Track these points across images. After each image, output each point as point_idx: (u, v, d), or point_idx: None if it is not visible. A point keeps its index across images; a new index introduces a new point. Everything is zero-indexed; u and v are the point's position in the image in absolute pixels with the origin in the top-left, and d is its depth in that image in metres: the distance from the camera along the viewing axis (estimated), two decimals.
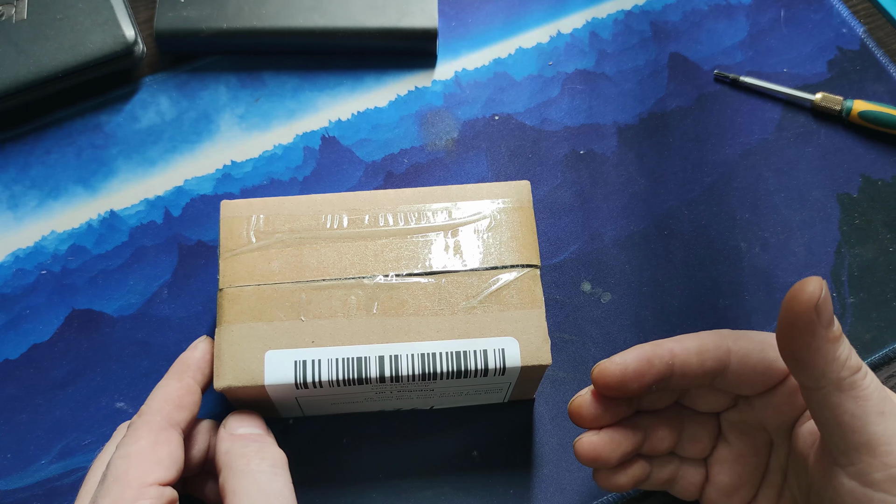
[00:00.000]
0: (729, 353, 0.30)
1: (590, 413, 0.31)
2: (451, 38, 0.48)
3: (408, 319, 0.33)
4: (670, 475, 0.33)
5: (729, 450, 0.33)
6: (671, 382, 0.31)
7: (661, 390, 0.32)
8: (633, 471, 0.32)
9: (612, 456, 0.31)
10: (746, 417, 0.32)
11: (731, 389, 0.31)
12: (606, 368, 0.30)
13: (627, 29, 0.48)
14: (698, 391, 0.32)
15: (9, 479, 0.36)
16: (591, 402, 0.31)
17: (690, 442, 0.33)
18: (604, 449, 0.31)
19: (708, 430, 0.33)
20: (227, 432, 0.32)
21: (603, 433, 0.31)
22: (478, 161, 0.44)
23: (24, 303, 0.40)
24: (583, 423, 0.32)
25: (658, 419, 0.33)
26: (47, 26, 0.43)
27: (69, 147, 0.44)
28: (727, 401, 0.32)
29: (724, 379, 0.31)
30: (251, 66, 0.46)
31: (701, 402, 0.33)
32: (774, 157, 0.44)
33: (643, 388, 0.30)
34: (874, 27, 0.48)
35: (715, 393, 0.32)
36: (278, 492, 0.29)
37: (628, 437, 0.32)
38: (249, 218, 0.35)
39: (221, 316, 0.33)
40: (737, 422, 0.32)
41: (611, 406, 0.31)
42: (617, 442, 0.31)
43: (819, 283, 0.26)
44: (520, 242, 0.35)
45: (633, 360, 0.30)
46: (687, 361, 0.30)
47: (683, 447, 0.33)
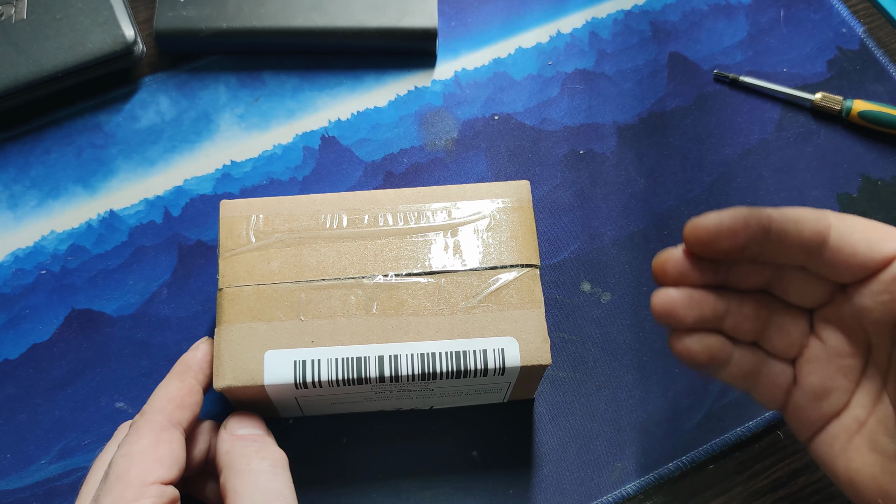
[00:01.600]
0: (829, 228, 0.28)
1: (675, 268, 0.29)
2: (451, 37, 0.48)
3: (407, 319, 0.33)
4: (753, 367, 0.30)
5: (821, 348, 0.30)
6: (765, 251, 0.28)
7: (752, 260, 0.29)
8: (710, 341, 0.30)
9: (689, 314, 0.29)
10: (843, 313, 0.29)
11: (829, 272, 0.29)
12: (700, 222, 0.29)
13: (627, 29, 0.48)
14: (792, 278, 0.30)
15: (8, 479, 0.36)
16: (677, 258, 0.29)
17: (778, 333, 0.30)
18: (681, 304, 0.29)
19: (798, 324, 0.30)
20: (227, 433, 0.32)
21: (683, 290, 0.29)
22: (477, 161, 0.44)
23: (24, 303, 0.40)
24: (665, 279, 0.30)
25: (744, 299, 0.30)
26: (47, 26, 0.43)
27: (69, 147, 0.44)
28: (822, 293, 0.30)
29: (821, 258, 0.28)
30: (251, 65, 0.46)
31: (794, 290, 0.30)
32: (774, 156, 0.44)
33: (736, 248, 0.28)
34: (874, 27, 0.48)
35: (809, 280, 0.29)
36: (278, 491, 0.29)
37: (709, 300, 0.29)
38: (249, 218, 0.35)
39: (221, 316, 0.33)
40: (832, 318, 0.30)
41: (697, 266, 0.29)
42: (696, 301, 0.29)
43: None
44: (519, 242, 0.35)
45: (729, 217, 0.28)
46: (784, 227, 0.28)
47: (770, 338, 0.30)
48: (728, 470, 0.37)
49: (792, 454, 0.37)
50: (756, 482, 0.37)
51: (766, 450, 0.37)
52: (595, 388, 0.39)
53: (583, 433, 0.38)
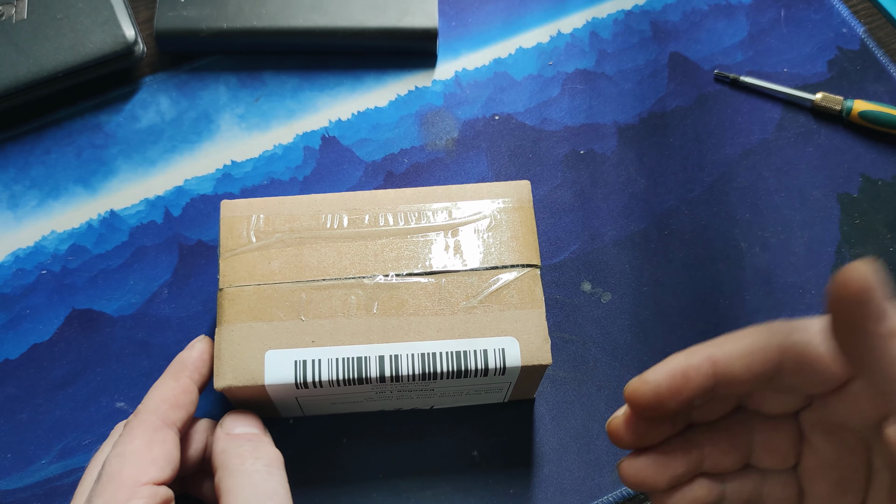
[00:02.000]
0: (781, 352, 0.25)
1: (629, 436, 0.27)
2: (451, 37, 0.48)
3: (408, 319, 0.33)
4: (752, 493, 0.28)
5: (818, 455, 0.27)
6: (717, 392, 0.26)
7: (708, 402, 0.27)
8: (692, 492, 0.27)
9: (661, 479, 0.27)
10: (826, 417, 0.26)
11: (794, 389, 0.26)
12: (637, 389, 0.26)
13: (627, 29, 0.48)
14: (760, 393, 0.27)
15: (9, 478, 0.36)
16: (628, 423, 0.27)
17: (766, 451, 0.28)
18: (649, 472, 0.27)
19: (786, 434, 0.27)
20: (223, 431, 0.32)
21: (648, 455, 0.27)
22: (478, 161, 0.44)
23: (24, 303, 0.40)
24: (623, 446, 0.27)
25: (717, 431, 0.28)
26: (47, 26, 0.43)
27: (69, 147, 0.44)
28: (798, 400, 0.27)
29: (781, 380, 0.25)
30: (251, 65, 0.46)
31: (766, 404, 0.27)
32: (774, 156, 0.44)
33: (683, 405, 0.26)
34: (874, 27, 0.48)
35: (779, 394, 0.27)
36: (273, 491, 0.29)
37: (679, 456, 0.27)
38: (249, 218, 0.35)
39: (221, 316, 0.33)
40: (818, 422, 0.27)
41: (653, 425, 0.27)
42: (664, 463, 0.27)
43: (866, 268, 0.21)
44: (520, 242, 0.35)
45: (666, 376, 0.26)
46: (730, 368, 0.25)
47: (760, 458, 0.28)
48: None
49: None
50: None
51: None
52: (595, 388, 0.39)
53: (583, 433, 0.38)
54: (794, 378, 0.25)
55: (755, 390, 0.26)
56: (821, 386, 0.25)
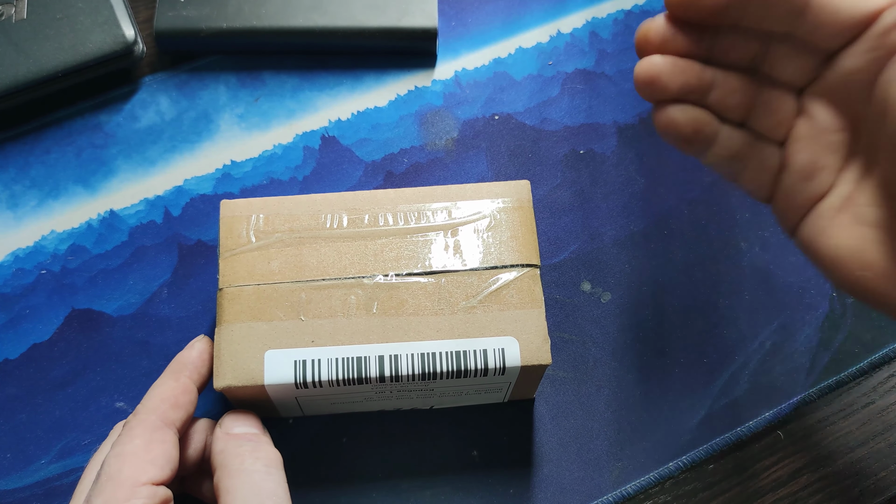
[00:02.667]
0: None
1: (657, 35, 0.28)
2: (451, 37, 0.48)
3: (407, 319, 0.33)
4: (741, 147, 0.30)
5: (810, 125, 0.29)
6: (748, 13, 0.27)
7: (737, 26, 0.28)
8: (694, 112, 0.29)
9: (673, 81, 0.28)
10: (832, 83, 0.28)
11: (814, 37, 0.28)
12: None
13: (627, 28, 0.48)
14: (778, 50, 0.29)
15: (8, 478, 0.36)
16: (660, 24, 0.28)
17: (766, 112, 0.30)
18: (664, 70, 0.28)
19: (786, 103, 0.29)
20: (222, 431, 0.32)
21: (667, 57, 0.28)
22: (478, 161, 0.44)
23: (24, 302, 0.40)
24: (648, 48, 0.29)
25: (730, 72, 0.29)
26: (47, 26, 0.43)
27: (69, 147, 0.44)
28: (809, 66, 0.29)
29: (805, 19, 0.27)
30: (251, 65, 0.46)
31: (780, 65, 0.29)
32: None
33: (721, 4, 0.27)
34: None
35: (796, 54, 0.28)
36: (271, 491, 0.29)
37: (694, 67, 0.28)
38: (249, 217, 0.35)
39: (221, 315, 0.33)
40: (821, 91, 0.29)
41: (681, 32, 0.28)
42: (681, 67, 0.28)
43: None
44: (520, 242, 0.35)
45: None
46: None
47: (758, 117, 0.30)
48: (728, 470, 0.37)
49: (792, 454, 0.37)
50: (756, 482, 0.37)
51: (766, 450, 0.37)
52: (595, 388, 0.39)
53: (583, 433, 0.38)
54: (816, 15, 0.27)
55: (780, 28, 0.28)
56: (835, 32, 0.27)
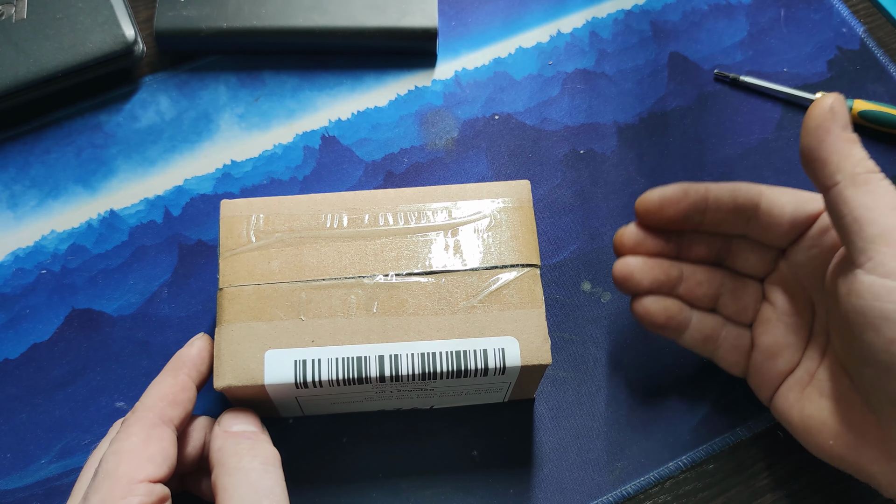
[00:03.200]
0: (760, 194, 0.32)
1: (630, 239, 0.34)
2: (451, 37, 0.48)
3: (408, 319, 0.33)
4: (712, 331, 0.34)
5: (772, 310, 0.33)
6: (707, 218, 0.33)
7: (698, 228, 0.34)
8: (666, 302, 0.34)
9: (644, 277, 0.33)
10: (786, 275, 0.33)
11: (764, 236, 0.33)
12: (646, 197, 0.33)
13: (627, 28, 0.48)
14: (738, 247, 0.34)
15: (8, 478, 0.36)
16: (633, 230, 0.34)
17: (732, 299, 0.34)
18: (637, 268, 0.33)
19: (750, 291, 0.34)
20: (220, 429, 0.32)
21: (639, 257, 0.34)
22: (478, 160, 0.44)
23: (24, 302, 0.40)
24: (623, 250, 0.34)
25: (698, 267, 0.34)
26: (47, 26, 0.43)
27: (69, 147, 0.44)
28: (766, 260, 0.34)
29: (756, 223, 0.33)
30: (251, 65, 0.46)
31: (741, 260, 0.34)
32: (774, 156, 0.44)
33: (680, 215, 0.33)
34: (874, 27, 0.48)
35: (753, 249, 0.34)
36: (269, 489, 0.29)
37: (663, 265, 0.33)
38: (249, 217, 0.35)
39: (221, 315, 0.33)
40: (778, 281, 0.34)
41: (651, 236, 0.34)
42: (651, 266, 0.33)
43: (838, 95, 0.29)
44: (520, 242, 0.35)
45: (671, 188, 0.33)
46: (720, 196, 0.33)
47: (726, 304, 0.34)
48: (728, 470, 0.37)
49: (792, 454, 0.37)
50: (756, 482, 0.37)
51: (766, 450, 0.37)
52: (595, 387, 0.39)
53: (583, 433, 0.38)
54: (766, 220, 0.32)
55: (735, 228, 0.33)
56: (785, 231, 0.32)
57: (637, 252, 0.34)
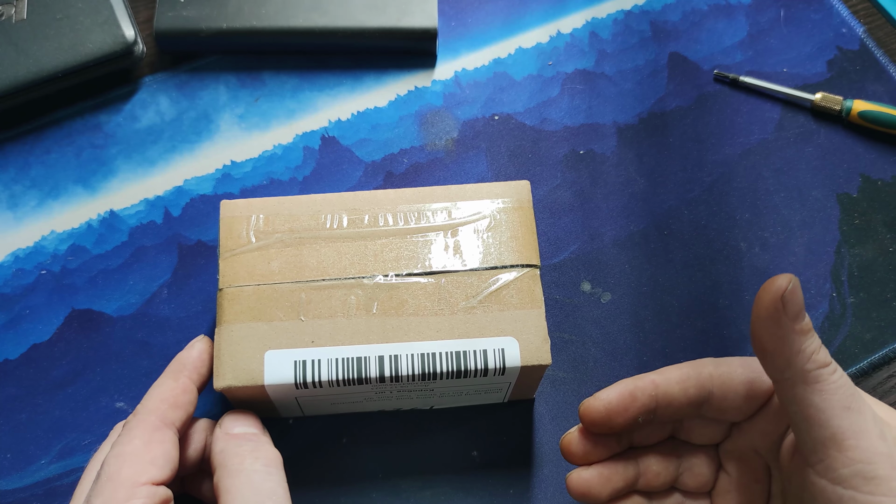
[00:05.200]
0: (711, 379, 0.31)
1: (579, 449, 0.32)
2: (451, 37, 0.48)
3: (407, 319, 0.33)
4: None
5: (729, 480, 0.32)
6: (657, 414, 0.31)
7: (648, 423, 0.32)
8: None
9: (603, 491, 0.31)
10: (741, 445, 0.32)
11: (719, 416, 0.31)
12: (590, 405, 0.31)
13: (627, 29, 0.48)
14: (690, 423, 0.32)
15: (9, 478, 0.36)
16: (579, 439, 0.32)
17: (690, 475, 0.33)
18: (594, 483, 0.31)
19: (707, 462, 0.33)
20: (222, 431, 0.32)
21: (594, 468, 0.32)
22: (478, 161, 0.44)
23: (24, 303, 0.40)
24: (573, 460, 0.32)
25: (652, 454, 0.33)
26: (47, 26, 0.43)
27: (69, 147, 0.44)
28: (721, 431, 0.32)
29: (710, 405, 0.31)
30: (251, 65, 0.46)
31: (695, 433, 0.33)
32: (774, 156, 0.44)
33: (629, 422, 0.31)
34: (874, 27, 0.48)
35: (706, 423, 0.32)
36: (271, 491, 0.29)
37: (619, 471, 0.32)
38: (249, 218, 0.35)
39: (221, 316, 0.33)
40: (733, 451, 0.32)
41: (600, 442, 0.32)
42: (607, 477, 0.31)
43: (788, 277, 0.26)
44: (520, 242, 0.35)
45: (616, 394, 0.31)
46: (669, 391, 0.31)
47: (683, 481, 0.33)
48: None
49: None
50: None
51: None
52: (595, 388, 0.39)
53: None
54: (719, 403, 0.30)
55: (687, 415, 0.32)
56: (740, 411, 0.31)
57: (589, 460, 0.32)
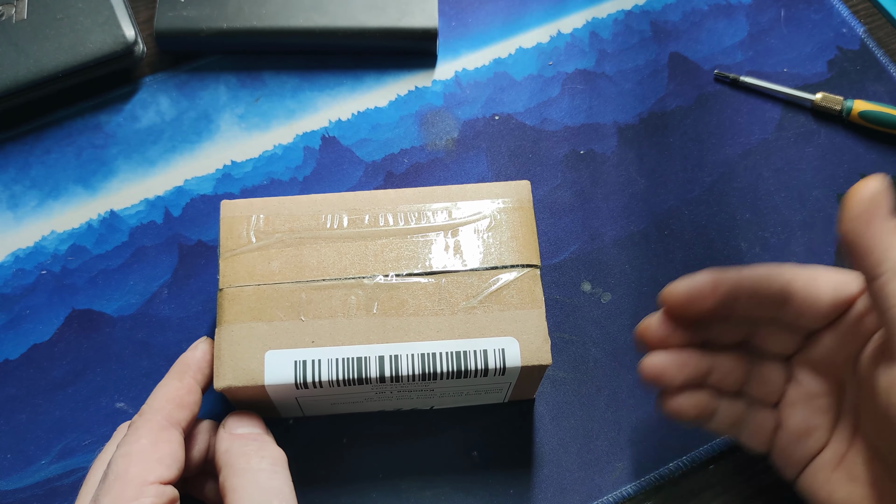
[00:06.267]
0: (793, 280, 0.31)
1: (657, 333, 0.32)
2: (451, 37, 0.48)
3: (408, 319, 0.33)
4: (739, 416, 0.32)
5: (800, 390, 0.32)
6: (738, 308, 0.31)
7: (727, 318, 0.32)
8: (698, 398, 0.32)
9: (678, 375, 0.31)
10: (816, 356, 0.32)
11: (798, 321, 0.31)
12: (676, 286, 0.31)
13: (627, 29, 0.48)
14: (766, 330, 0.32)
15: (9, 479, 0.36)
16: (659, 322, 0.32)
17: (760, 382, 0.32)
18: (669, 367, 0.31)
19: (778, 372, 0.32)
20: (226, 432, 0.32)
21: (669, 353, 0.31)
22: (478, 161, 0.44)
23: (24, 303, 0.40)
24: (650, 344, 0.32)
25: (726, 353, 0.32)
26: (47, 26, 0.43)
27: (69, 147, 0.44)
28: (796, 341, 0.32)
29: (790, 307, 0.31)
30: (251, 65, 0.46)
31: (770, 341, 0.32)
32: (774, 156, 0.44)
33: (711, 308, 0.31)
34: (874, 27, 0.48)
35: (782, 331, 0.32)
36: (278, 489, 0.29)
37: (693, 360, 0.31)
38: (249, 218, 0.35)
39: (221, 316, 0.33)
40: (806, 363, 0.32)
41: (678, 329, 0.32)
42: (683, 362, 0.31)
43: (880, 179, 0.27)
44: (520, 242, 0.35)
45: (701, 279, 0.31)
46: (753, 285, 0.31)
47: (753, 387, 0.33)
48: (728, 470, 0.37)
49: None
50: (756, 482, 0.37)
51: None
52: (595, 388, 0.39)
53: (583, 433, 0.38)
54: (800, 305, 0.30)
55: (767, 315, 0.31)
56: (819, 315, 0.30)
57: (664, 346, 0.32)
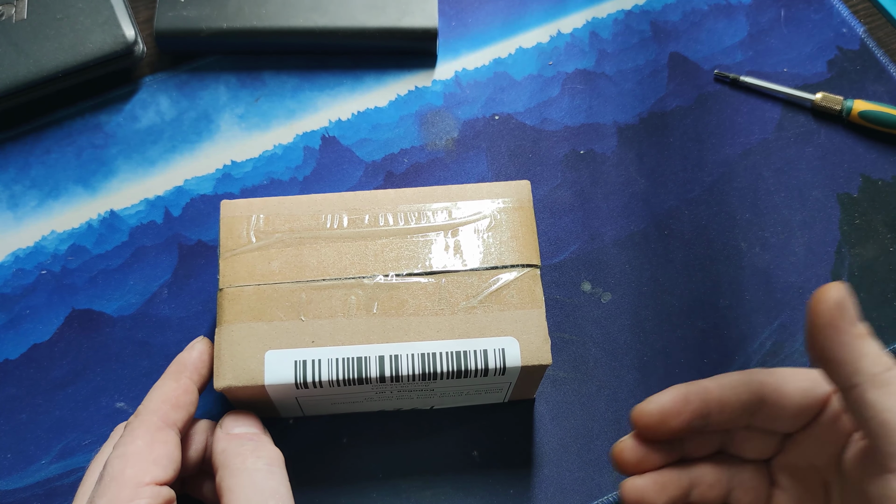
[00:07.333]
0: (763, 385, 0.30)
1: (633, 456, 0.31)
2: (451, 37, 0.48)
3: (408, 319, 0.33)
4: None
5: (786, 496, 0.31)
6: (711, 419, 0.30)
7: (701, 431, 0.31)
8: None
9: (658, 499, 0.30)
10: (795, 459, 0.31)
11: (772, 425, 0.31)
12: (645, 408, 0.30)
13: (627, 29, 0.48)
14: (742, 436, 0.31)
15: (9, 479, 0.36)
16: (633, 446, 0.31)
17: (742, 491, 0.32)
18: (649, 491, 0.30)
19: (759, 478, 0.32)
20: (223, 432, 0.32)
21: (648, 476, 0.31)
22: (478, 161, 0.44)
23: (24, 303, 0.40)
24: (626, 468, 0.31)
25: (705, 466, 0.32)
26: (47, 26, 0.43)
27: (69, 147, 0.44)
28: (773, 444, 0.31)
29: (763, 414, 0.30)
30: (251, 65, 0.46)
31: (746, 447, 0.32)
32: (774, 156, 0.44)
33: (683, 425, 0.30)
34: (874, 27, 0.48)
35: (758, 436, 0.31)
36: (274, 489, 0.29)
37: (674, 479, 0.31)
38: (249, 218, 0.35)
39: (221, 316, 0.33)
40: (787, 465, 0.31)
41: (654, 450, 0.31)
42: (663, 485, 0.30)
43: (840, 285, 0.26)
44: (520, 242, 0.35)
45: (669, 398, 0.30)
46: (722, 395, 0.30)
47: (736, 496, 0.32)
48: None
49: None
50: None
51: None
52: (595, 388, 0.39)
53: (583, 433, 0.38)
54: (773, 411, 0.30)
55: (740, 423, 0.31)
56: (794, 420, 0.30)
57: (642, 469, 0.31)
